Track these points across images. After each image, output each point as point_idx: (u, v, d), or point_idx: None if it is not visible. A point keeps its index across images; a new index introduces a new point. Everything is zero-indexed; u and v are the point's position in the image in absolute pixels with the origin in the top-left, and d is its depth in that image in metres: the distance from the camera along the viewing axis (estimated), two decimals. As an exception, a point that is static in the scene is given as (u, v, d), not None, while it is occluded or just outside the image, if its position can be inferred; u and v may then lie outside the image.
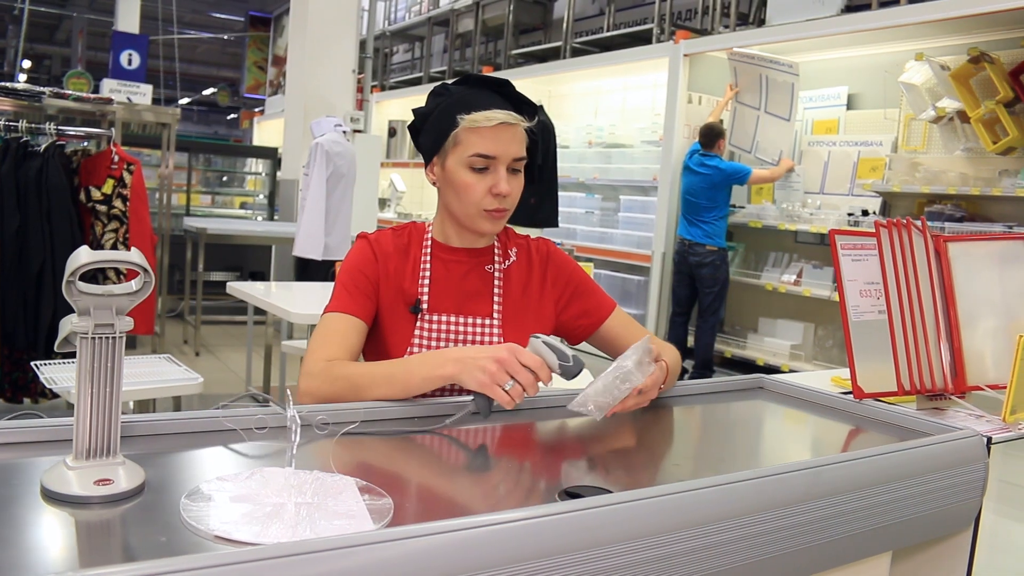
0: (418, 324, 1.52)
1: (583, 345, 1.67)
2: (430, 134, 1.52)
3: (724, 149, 5.92)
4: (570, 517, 0.87)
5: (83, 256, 0.89)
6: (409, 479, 1.08)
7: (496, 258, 1.60)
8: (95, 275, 3.61)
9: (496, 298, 1.56)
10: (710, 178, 5.74)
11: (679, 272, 6.01)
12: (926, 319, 1.58)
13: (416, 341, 1.51)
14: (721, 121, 6.32)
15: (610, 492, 0.95)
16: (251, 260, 7.74)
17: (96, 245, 3.63)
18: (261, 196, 9.50)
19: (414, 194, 9.64)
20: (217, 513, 0.84)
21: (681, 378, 1.65)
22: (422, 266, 1.56)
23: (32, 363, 3.38)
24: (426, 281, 1.55)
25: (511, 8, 8.67)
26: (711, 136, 5.83)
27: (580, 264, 4.23)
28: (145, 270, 0.91)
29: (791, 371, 5.18)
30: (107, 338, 0.91)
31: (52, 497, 0.88)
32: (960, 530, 1.39)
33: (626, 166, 7.04)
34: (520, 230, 5.42)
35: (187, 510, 0.85)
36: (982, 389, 1.67)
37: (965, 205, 4.99)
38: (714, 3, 6.48)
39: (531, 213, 5.46)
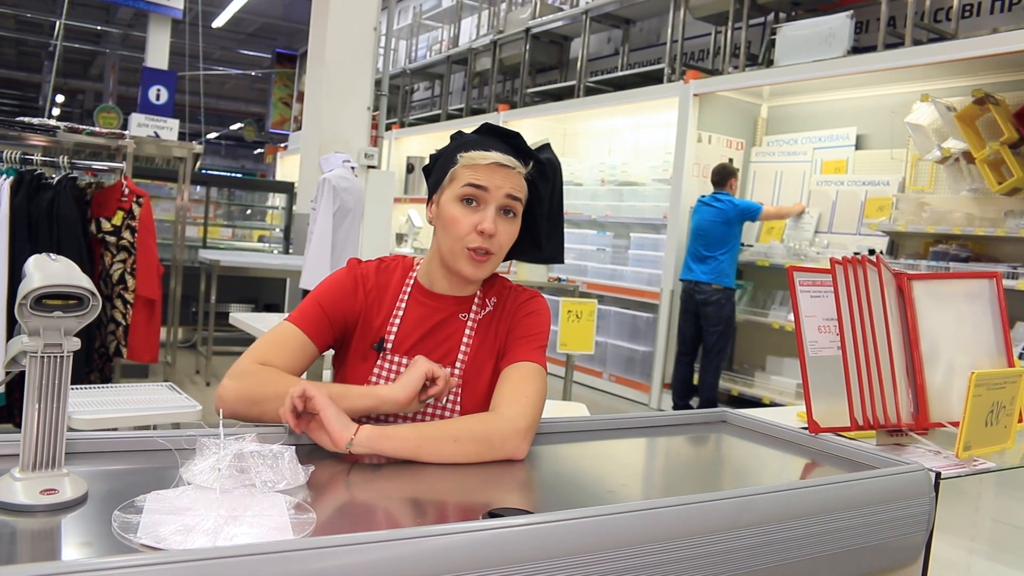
0: (378, 362, 1.52)
1: None
2: (435, 173, 1.56)
3: (736, 189, 5.94)
4: (483, 535, 0.91)
5: (35, 281, 0.95)
6: (339, 497, 1.12)
7: (474, 308, 1.57)
8: (104, 304, 3.70)
9: (463, 347, 1.53)
10: (725, 213, 5.75)
11: (685, 310, 6.02)
12: (880, 355, 1.60)
13: (373, 380, 1.51)
14: (731, 160, 6.38)
15: (530, 513, 0.98)
16: (266, 292, 7.86)
17: (105, 275, 3.73)
18: (278, 230, 9.65)
19: (431, 230, 9.74)
20: (146, 524, 0.89)
21: None
22: (397, 305, 1.55)
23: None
24: (397, 321, 1.53)
25: (527, 47, 8.82)
26: (723, 175, 5.87)
27: (585, 301, 4.26)
28: (92, 294, 0.97)
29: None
30: (55, 357, 0.96)
31: (-1, 506, 0.94)
32: (906, 564, 1.40)
33: (637, 204, 7.10)
34: (526, 267, 5.43)
35: (118, 520, 0.90)
36: (944, 426, 1.69)
37: (971, 245, 4.99)
38: (724, 44, 6.56)
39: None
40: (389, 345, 1.52)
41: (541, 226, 1.58)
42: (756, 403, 5.71)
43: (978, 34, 4.97)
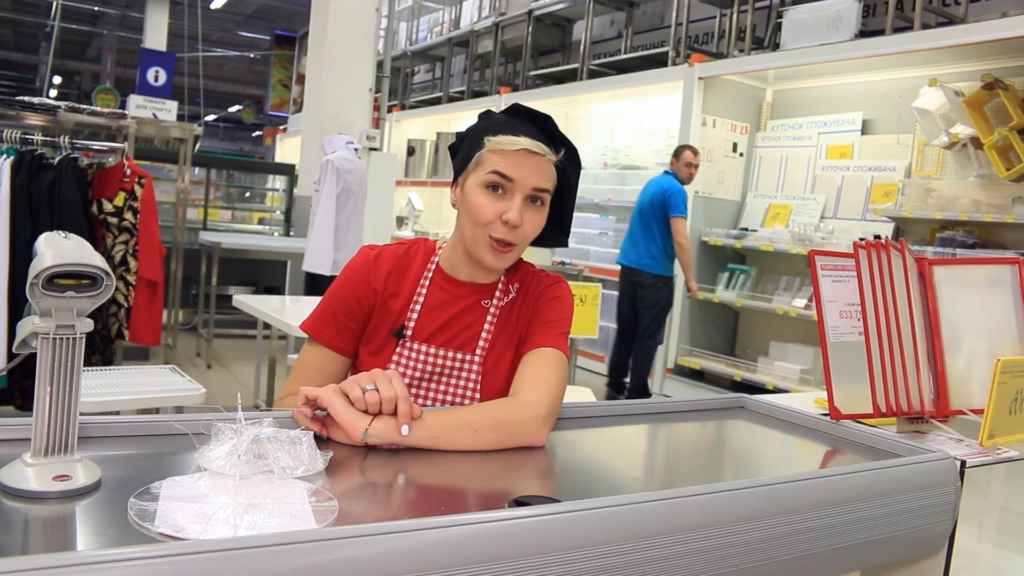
0: (397, 350, 1.49)
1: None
2: (461, 154, 1.51)
3: (681, 169, 5.66)
4: (510, 524, 0.88)
5: (47, 260, 0.91)
6: (359, 484, 1.10)
7: (497, 295, 1.53)
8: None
9: (484, 335, 1.51)
10: (657, 196, 5.62)
11: (622, 291, 5.94)
12: (903, 341, 1.57)
13: (392, 367, 1.48)
14: (735, 145, 6.33)
15: (557, 502, 0.96)
16: (266, 275, 7.82)
17: (107, 256, 3.69)
18: (278, 212, 9.60)
19: (432, 213, 9.71)
20: (163, 512, 0.86)
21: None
22: (418, 291, 1.52)
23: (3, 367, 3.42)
24: (417, 308, 1.50)
25: (530, 30, 8.75)
26: (674, 151, 5.76)
27: (590, 284, 4.23)
28: (107, 273, 0.94)
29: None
30: (67, 339, 0.93)
31: (8, 492, 0.90)
32: (931, 553, 1.37)
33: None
34: (529, 250, 5.44)
35: (134, 508, 0.87)
36: (965, 413, 1.66)
37: (978, 232, 4.96)
38: (730, 27, 6.51)
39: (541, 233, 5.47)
40: (409, 332, 1.49)
41: (569, 213, 1.54)
42: (759, 389, 5.69)
43: (988, 18, 4.92)
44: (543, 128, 1.46)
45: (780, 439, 1.56)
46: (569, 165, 1.49)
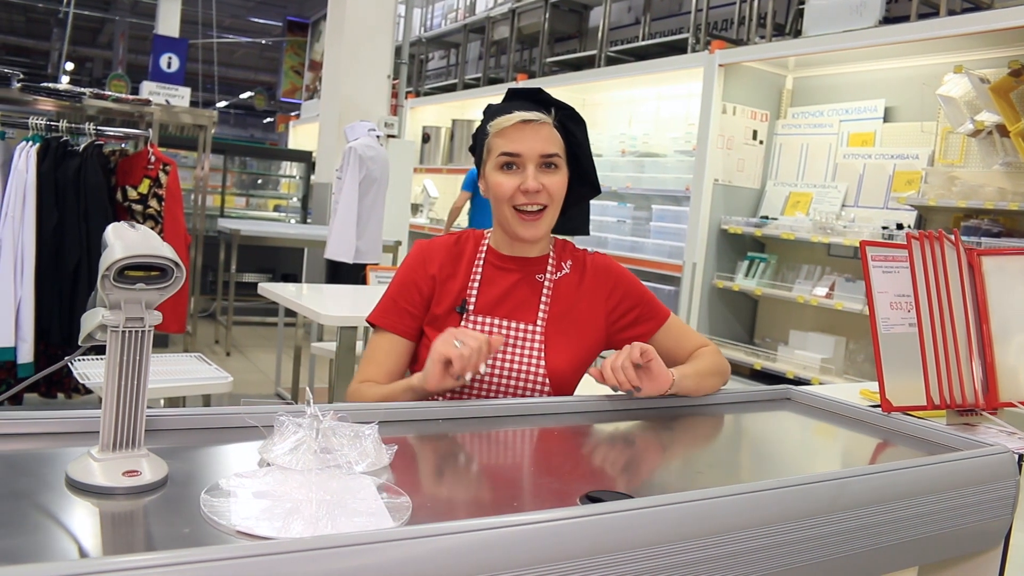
0: (462, 324, 1.58)
1: None
2: (477, 149, 1.64)
3: None
4: (588, 521, 0.86)
5: (118, 252, 0.90)
6: (427, 479, 1.09)
7: (549, 269, 1.65)
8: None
9: (543, 306, 1.61)
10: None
11: None
12: (957, 333, 1.55)
13: None
14: (755, 132, 6.29)
15: (631, 497, 0.94)
16: (283, 262, 7.82)
17: (131, 244, 3.68)
18: (295, 199, 9.58)
19: (447, 200, 9.68)
20: (237, 508, 0.85)
21: None
22: (474, 270, 1.63)
23: (66, 358, 3.43)
24: (476, 284, 1.62)
25: (547, 16, 8.69)
26: None
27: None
28: (176, 264, 0.92)
29: (821, 385, 5.10)
30: (136, 332, 0.92)
31: (77, 487, 0.89)
32: (989, 548, 1.36)
33: (659, 176, 7.01)
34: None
35: (207, 505, 0.86)
36: (1015, 406, 1.65)
37: (1003, 220, 4.90)
38: (750, 13, 6.44)
39: (561, 221, 5.46)
40: (471, 307, 1.60)
41: (588, 166, 1.65)
42: (779, 378, 5.65)
43: (1015, 3, 4.85)
44: (535, 99, 1.58)
45: (832, 432, 1.55)
46: (569, 122, 1.60)
